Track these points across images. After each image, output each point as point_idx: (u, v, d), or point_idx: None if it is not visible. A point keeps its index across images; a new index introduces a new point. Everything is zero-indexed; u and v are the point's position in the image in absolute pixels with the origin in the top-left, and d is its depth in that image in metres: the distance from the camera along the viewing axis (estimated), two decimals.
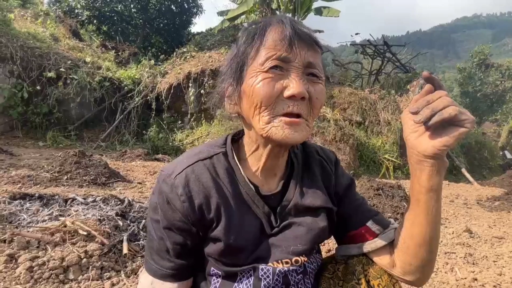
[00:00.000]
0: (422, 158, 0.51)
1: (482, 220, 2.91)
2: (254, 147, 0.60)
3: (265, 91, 0.51)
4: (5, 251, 1.14)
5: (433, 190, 0.52)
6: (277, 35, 0.52)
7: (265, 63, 0.52)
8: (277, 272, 0.57)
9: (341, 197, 0.67)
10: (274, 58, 0.52)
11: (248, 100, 0.54)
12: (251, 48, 0.54)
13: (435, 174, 0.51)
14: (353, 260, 0.63)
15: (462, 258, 1.81)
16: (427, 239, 0.55)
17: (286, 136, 0.52)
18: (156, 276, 0.59)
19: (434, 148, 0.48)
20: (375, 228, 0.63)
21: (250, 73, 0.54)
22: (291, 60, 0.52)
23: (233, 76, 0.57)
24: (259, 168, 0.61)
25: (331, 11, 8.56)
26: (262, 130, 0.53)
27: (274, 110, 0.52)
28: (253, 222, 0.58)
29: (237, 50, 0.57)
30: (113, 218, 1.58)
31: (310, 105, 0.54)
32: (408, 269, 0.59)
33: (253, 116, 0.54)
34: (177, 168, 0.57)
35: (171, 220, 0.56)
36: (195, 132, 7.24)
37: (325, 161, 0.68)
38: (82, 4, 10.37)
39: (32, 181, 2.73)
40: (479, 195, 4.59)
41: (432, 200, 0.53)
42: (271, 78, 0.52)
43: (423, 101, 0.48)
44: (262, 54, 0.53)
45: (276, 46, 0.52)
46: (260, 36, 0.54)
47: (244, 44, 0.56)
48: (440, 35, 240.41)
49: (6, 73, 6.34)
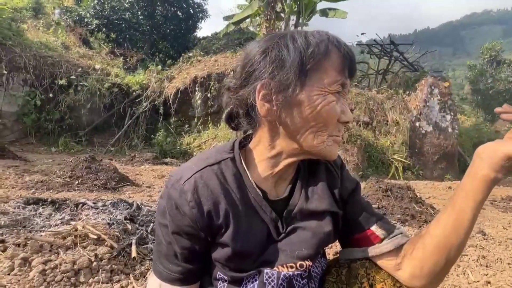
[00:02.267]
0: (477, 159, 0.51)
1: (496, 221, 2.82)
2: (273, 153, 0.59)
3: (333, 115, 0.54)
4: (20, 255, 1.18)
5: (474, 199, 0.51)
6: (341, 59, 0.54)
7: (333, 85, 0.54)
8: (282, 276, 0.57)
9: (346, 201, 0.67)
10: (340, 83, 0.55)
11: (304, 115, 0.54)
12: (321, 62, 0.53)
13: (482, 181, 0.50)
14: (356, 264, 0.63)
15: (475, 260, 1.77)
16: (449, 245, 0.53)
17: (333, 154, 0.58)
18: (164, 279, 0.60)
19: (494, 149, 0.49)
20: (380, 232, 0.63)
21: (316, 89, 0.53)
22: (345, 86, 0.56)
23: (291, 82, 0.52)
24: (272, 173, 0.61)
25: (337, 13, 8.51)
26: (316, 147, 0.56)
27: (329, 131, 0.56)
28: (260, 227, 0.59)
29: (299, 58, 0.52)
30: (122, 222, 1.62)
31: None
32: (417, 273, 0.57)
33: (305, 130, 0.55)
34: (185, 173, 0.58)
35: (179, 225, 0.56)
36: (202, 135, 7.31)
37: (331, 165, 0.68)
38: (91, 13, 10.66)
39: (45, 186, 2.81)
40: (493, 195, 4.46)
41: (467, 207, 0.52)
42: (336, 102, 0.55)
43: None
44: (331, 75, 0.54)
45: (342, 71, 0.54)
46: (329, 53, 0.53)
47: (310, 54, 0.52)
48: (448, 32, 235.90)
49: (20, 82, 6.56)
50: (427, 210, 2.65)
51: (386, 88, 8.25)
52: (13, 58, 6.38)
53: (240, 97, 0.58)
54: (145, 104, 7.72)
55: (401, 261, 0.60)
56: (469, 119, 11.79)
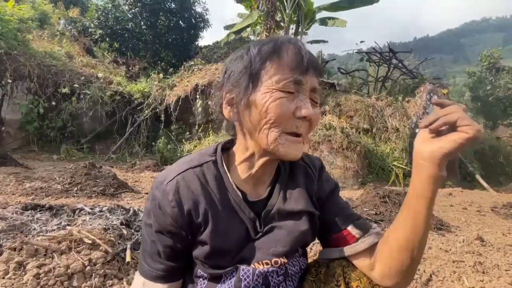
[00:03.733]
0: (420, 161, 0.53)
1: (496, 228, 2.80)
2: (247, 155, 0.63)
3: (281, 110, 0.55)
4: (15, 259, 1.19)
5: (424, 197, 0.53)
6: (294, 57, 0.57)
7: (281, 82, 0.56)
8: (257, 272, 0.59)
9: (324, 202, 0.69)
10: (291, 80, 0.56)
11: (257, 113, 0.57)
12: (267, 63, 0.57)
13: (430, 181, 0.52)
14: (334, 263, 0.64)
15: (471, 266, 1.75)
16: (411, 244, 0.56)
17: (291, 153, 0.57)
18: (148, 277, 0.62)
19: (431, 150, 0.50)
20: (355, 232, 0.65)
21: (264, 88, 0.56)
22: (303, 83, 0.57)
23: (243, 85, 0.58)
24: (250, 175, 0.64)
25: (337, 22, 8.65)
26: (268, 145, 0.57)
27: (283, 128, 0.56)
28: (239, 227, 0.61)
29: (248, 61, 0.58)
30: (117, 227, 1.63)
31: (309, 126, 0.59)
32: (387, 273, 0.59)
33: (260, 129, 0.57)
34: (168, 175, 0.61)
35: (162, 224, 0.59)
36: (202, 142, 7.35)
37: (309, 168, 0.71)
38: (95, 23, 10.91)
39: (44, 192, 2.83)
40: (495, 202, 4.42)
41: (421, 207, 0.54)
42: (285, 98, 0.56)
43: (431, 115, 0.52)
44: (280, 73, 0.56)
45: (294, 68, 0.56)
46: (277, 54, 0.57)
47: (258, 56, 0.58)
48: (448, 40, 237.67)
49: (24, 90, 6.68)
50: None
51: (385, 95, 8.29)
52: (18, 67, 6.52)
53: (217, 102, 0.64)
54: (147, 112, 7.81)
55: (374, 260, 0.62)
56: None
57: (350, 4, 8.48)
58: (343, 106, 7.68)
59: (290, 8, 8.22)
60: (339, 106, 7.67)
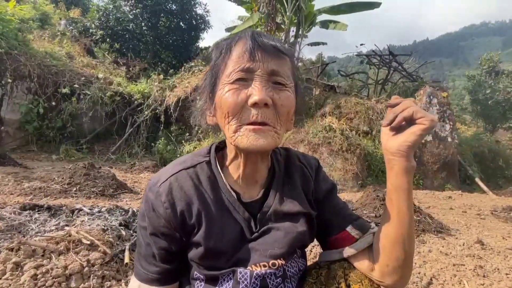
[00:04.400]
0: (389, 156, 0.56)
1: (496, 231, 2.79)
2: (233, 155, 0.63)
3: (230, 101, 0.55)
4: (12, 259, 1.18)
5: (402, 189, 0.56)
6: (240, 48, 0.57)
7: (230, 75, 0.56)
8: (255, 275, 0.58)
9: (321, 202, 0.68)
10: (238, 70, 0.55)
11: (219, 111, 0.58)
12: (221, 62, 0.59)
13: (403, 173, 0.55)
14: (335, 265, 0.64)
15: (472, 270, 1.74)
16: (400, 238, 0.58)
17: (251, 143, 0.54)
18: (143, 280, 0.61)
19: (397, 145, 0.54)
20: (355, 233, 0.64)
21: (219, 85, 0.58)
22: (254, 70, 0.55)
23: (209, 89, 0.62)
24: (240, 176, 0.63)
25: (338, 26, 8.67)
26: (231, 139, 0.56)
27: (241, 119, 0.55)
28: (233, 227, 0.60)
29: (212, 64, 0.62)
30: (116, 228, 1.62)
31: (276, 113, 0.56)
32: (385, 271, 0.59)
33: (224, 125, 0.58)
34: (162, 177, 0.61)
35: (156, 226, 0.59)
36: (202, 144, 7.33)
37: (306, 168, 0.70)
38: (96, 24, 10.93)
39: (42, 192, 2.82)
40: (494, 205, 4.42)
41: (401, 199, 0.56)
42: (235, 89, 0.55)
43: (389, 112, 0.55)
44: (229, 67, 0.57)
45: (239, 58, 0.56)
46: (227, 50, 0.58)
47: (215, 58, 0.61)
48: (448, 43, 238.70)
49: (24, 90, 6.67)
50: (424, 219, 2.63)
51: (385, 98, 8.30)
52: (18, 67, 6.52)
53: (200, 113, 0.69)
54: (146, 113, 7.80)
55: (372, 261, 0.62)
56: (470, 129, 11.77)
57: (350, 9, 8.51)
58: (343, 109, 7.68)
59: (290, 11, 8.25)
60: (339, 108, 7.68)
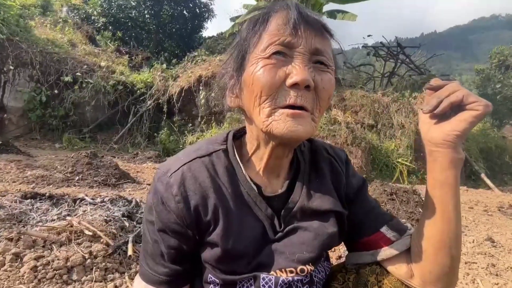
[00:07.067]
0: (433, 148, 0.48)
1: (505, 229, 2.74)
2: (255, 145, 0.56)
3: (266, 79, 0.47)
4: (11, 250, 1.14)
5: (448, 184, 0.48)
6: (280, 19, 0.48)
7: (267, 48, 0.48)
8: (280, 282, 0.51)
9: (352, 200, 0.61)
10: (277, 43, 0.47)
11: (248, 90, 0.50)
12: (254, 35, 0.50)
13: (449, 166, 0.48)
14: (365, 270, 0.57)
15: (484, 268, 1.69)
16: (446, 240, 0.50)
17: (289, 129, 0.46)
18: (150, 282, 0.55)
19: (443, 134, 0.46)
20: (391, 235, 0.57)
21: (251, 60, 0.50)
22: (295, 46, 0.47)
23: (234, 65, 0.53)
24: (261, 169, 0.56)
25: (347, 16, 8.36)
26: (263, 124, 0.48)
27: (276, 101, 0.47)
28: (254, 225, 0.53)
29: (239, 38, 0.53)
30: (119, 219, 1.58)
31: (317, 97, 0.49)
32: (428, 278, 0.52)
33: (253, 108, 0.49)
34: (173, 165, 0.53)
35: (165, 222, 0.52)
36: (205, 134, 7.27)
37: (335, 160, 0.62)
38: (98, 11, 10.75)
39: (45, 181, 2.79)
40: (501, 201, 4.36)
41: (447, 196, 0.49)
42: (273, 65, 0.47)
43: (431, 96, 0.48)
44: (265, 40, 0.48)
45: (280, 30, 0.47)
46: (263, 21, 0.50)
47: (246, 31, 0.52)
48: (456, 36, 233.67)
49: (26, 77, 6.61)
50: None
51: (391, 91, 8.14)
52: (20, 53, 6.43)
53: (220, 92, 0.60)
54: (149, 103, 7.73)
55: (411, 267, 0.55)
56: (477, 124, 11.60)
57: None
58: (348, 101, 7.55)
59: None
60: (344, 101, 7.55)
